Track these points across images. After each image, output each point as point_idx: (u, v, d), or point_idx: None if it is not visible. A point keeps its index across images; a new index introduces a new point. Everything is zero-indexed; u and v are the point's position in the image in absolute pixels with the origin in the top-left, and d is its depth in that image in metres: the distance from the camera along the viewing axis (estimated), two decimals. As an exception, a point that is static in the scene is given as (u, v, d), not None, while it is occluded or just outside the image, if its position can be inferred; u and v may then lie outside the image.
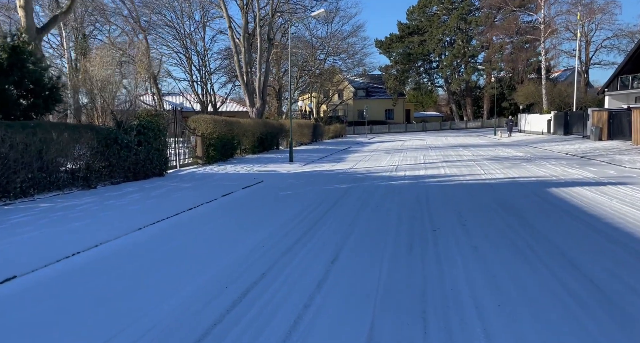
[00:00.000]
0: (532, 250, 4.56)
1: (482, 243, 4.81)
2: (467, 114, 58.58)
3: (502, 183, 9.61)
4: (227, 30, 29.88)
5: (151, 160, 10.61)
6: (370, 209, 6.92)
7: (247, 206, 7.65)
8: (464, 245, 4.76)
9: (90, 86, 9.13)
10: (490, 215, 6.31)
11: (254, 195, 8.82)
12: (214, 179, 11.14)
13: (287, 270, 4.12)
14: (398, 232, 5.44)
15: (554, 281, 3.68)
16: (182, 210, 7.08)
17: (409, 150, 22.14)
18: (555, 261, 4.18)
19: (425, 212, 6.59)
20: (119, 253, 4.80)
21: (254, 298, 3.44)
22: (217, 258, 4.55)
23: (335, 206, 7.31)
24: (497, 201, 7.37)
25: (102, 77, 9.28)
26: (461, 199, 7.66)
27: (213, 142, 14.72)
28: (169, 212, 6.85)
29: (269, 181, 11.15)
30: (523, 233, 5.22)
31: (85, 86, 9.19)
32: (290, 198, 8.31)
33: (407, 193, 8.52)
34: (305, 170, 13.79)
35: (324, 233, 5.46)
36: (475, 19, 52.37)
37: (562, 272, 3.88)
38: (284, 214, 6.73)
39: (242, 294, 3.53)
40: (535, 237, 5.04)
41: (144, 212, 6.79)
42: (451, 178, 10.59)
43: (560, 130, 28.73)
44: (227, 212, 7.10)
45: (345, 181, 10.79)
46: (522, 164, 13.61)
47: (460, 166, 13.38)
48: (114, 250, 4.91)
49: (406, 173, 11.94)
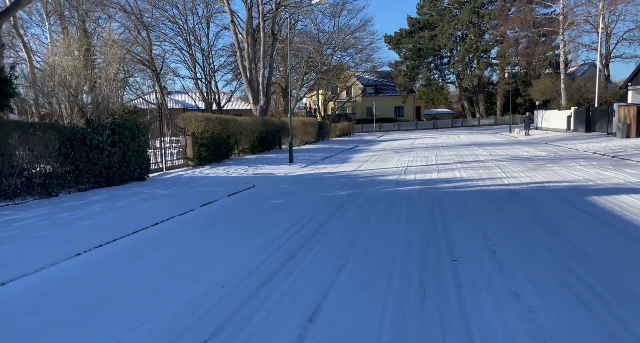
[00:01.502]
0: (601, 300, 3.21)
1: (525, 287, 3.46)
2: (479, 111, 56.70)
3: (529, 189, 8.21)
4: (230, 25, 28.70)
5: (128, 163, 9.43)
6: (372, 226, 5.60)
7: (225, 221, 6.39)
8: (499, 290, 3.42)
9: (55, 79, 7.94)
10: (525, 237, 4.95)
11: (238, 205, 7.57)
12: (200, 184, 9.92)
13: (244, 333, 2.85)
14: (406, 264, 4.12)
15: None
16: (145, 225, 5.86)
17: (420, 149, 20.72)
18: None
19: (440, 231, 5.25)
20: (30, 295, 3.58)
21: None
22: (163, 301, 3.31)
23: (329, 221, 6.01)
24: (529, 215, 6.00)
25: (70, 69, 8.10)
26: (484, 212, 6.31)
27: (205, 141, 13.52)
28: (127, 228, 5.63)
29: (261, 186, 9.90)
30: (580, 270, 3.84)
31: (44, 79, 8.01)
32: (279, 210, 7.04)
33: (417, 203, 7.19)
34: (305, 173, 12.52)
35: (308, 265, 4.17)
36: (488, 12, 50.45)
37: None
38: (265, 233, 5.46)
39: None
40: (598, 276, 3.67)
41: (95, 230, 5.58)
42: (468, 184, 9.21)
43: (581, 127, 26.98)
44: (197, 229, 5.85)
45: (346, 186, 9.49)
46: (547, 165, 12.15)
47: (477, 168, 11.97)
48: (25, 290, 3.69)
49: (416, 177, 10.58)
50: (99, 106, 8.54)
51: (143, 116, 10.09)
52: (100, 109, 8.56)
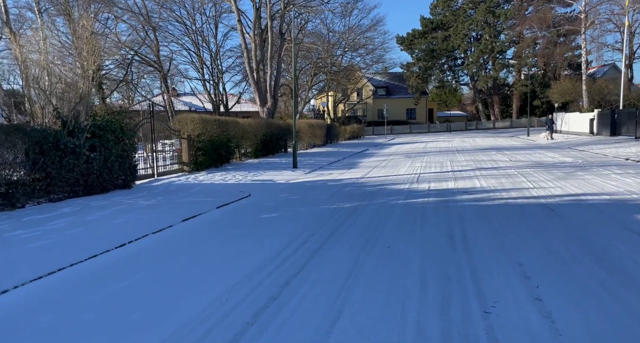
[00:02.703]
0: None
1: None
2: (494, 114, 55.06)
3: (564, 204, 7.06)
4: (237, 25, 27.89)
5: (110, 170, 8.52)
6: (378, 256, 4.54)
7: (203, 242, 5.40)
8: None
9: (24, 75, 7.08)
10: (578, 275, 3.84)
11: (225, 221, 6.58)
12: (190, 193, 8.97)
13: None
14: (421, 318, 3.06)
15: None
16: (108, 247, 4.90)
17: (433, 153, 19.54)
18: None
19: (464, 264, 4.18)
20: None
21: None
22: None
23: (326, 246, 4.98)
24: (573, 240, 4.88)
25: (40, 64, 7.23)
26: (515, 234, 5.20)
27: (202, 145, 12.60)
28: (84, 252, 4.68)
29: (257, 196, 8.92)
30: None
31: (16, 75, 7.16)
32: (270, 228, 6.03)
33: (433, 220, 6.10)
34: (308, 180, 11.50)
35: (290, 316, 3.14)
36: (504, 11, 48.92)
37: None
38: (245, 262, 4.45)
39: None
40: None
41: (43, 255, 4.63)
42: (491, 196, 8.08)
43: (605, 131, 25.46)
44: (168, 254, 4.87)
45: (351, 197, 8.44)
46: (577, 173, 10.92)
47: (498, 176, 10.81)
48: None
49: (430, 186, 9.48)
50: (77, 106, 7.65)
51: (131, 117, 9.17)
52: (77, 109, 7.67)
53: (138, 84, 44.31)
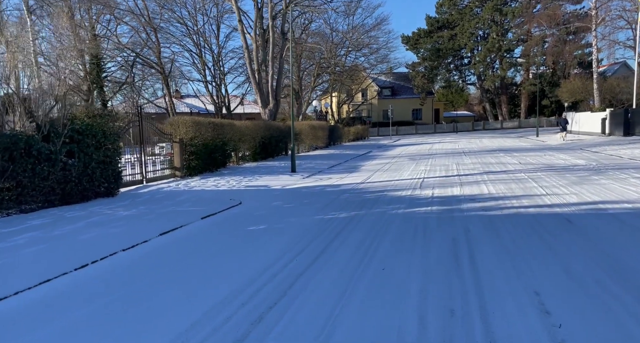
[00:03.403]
0: None
1: None
2: (502, 114, 54.07)
3: (581, 214, 6.38)
4: (238, 25, 27.40)
5: (91, 177, 7.99)
6: (370, 282, 3.91)
7: (179, 260, 4.82)
8: None
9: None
10: (609, 310, 3.18)
11: (206, 234, 5.99)
12: (177, 201, 8.41)
13: None
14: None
15: None
16: (67, 269, 4.34)
17: (438, 156, 18.84)
18: None
19: (471, 294, 3.53)
20: None
21: None
22: None
23: (313, 268, 4.36)
24: (598, 261, 4.21)
25: (10, 63, 6.72)
26: (529, 253, 4.55)
27: (195, 149, 12.05)
28: (36, 275, 4.12)
29: (248, 203, 8.33)
30: None
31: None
32: (254, 244, 5.43)
33: (436, 235, 5.46)
34: (305, 185, 10.90)
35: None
36: (511, 9, 47.98)
37: None
38: (219, 287, 3.85)
39: None
40: None
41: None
42: (500, 204, 7.42)
43: (618, 131, 24.56)
44: (134, 276, 4.28)
45: (348, 205, 7.81)
46: (593, 177, 10.20)
47: (507, 181, 10.12)
48: None
49: (434, 193, 8.82)
50: (53, 109, 7.13)
51: (115, 121, 8.64)
52: (54, 112, 7.14)
53: (142, 86, 44.14)
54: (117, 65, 37.12)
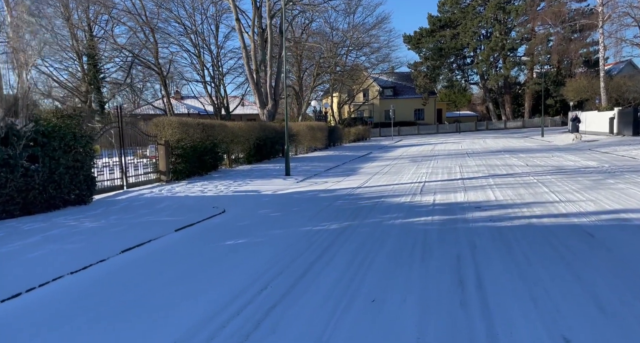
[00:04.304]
0: None
1: None
2: (505, 113, 53.19)
3: (602, 225, 5.62)
4: (235, 24, 26.71)
5: (58, 183, 7.29)
6: (356, 317, 3.18)
7: (136, 286, 4.09)
8: None
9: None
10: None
11: (177, 251, 5.27)
12: (154, 210, 7.70)
13: None
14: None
15: None
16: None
17: (441, 157, 18.08)
18: None
19: (480, 337, 2.80)
20: None
21: None
22: None
23: (290, 296, 3.63)
24: (637, 290, 3.47)
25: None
26: (550, 278, 3.80)
27: (182, 152, 11.35)
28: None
29: (233, 212, 7.62)
30: None
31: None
32: (229, 262, 4.70)
33: (438, 253, 4.72)
34: (298, 190, 10.17)
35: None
36: (515, 7, 47.13)
37: None
38: (171, 326, 3.13)
39: None
40: None
41: None
42: (509, 213, 6.66)
43: (627, 130, 23.72)
44: (71, 312, 3.56)
45: (341, 214, 7.08)
46: (608, 181, 9.43)
47: (515, 185, 9.36)
48: None
49: (436, 200, 8.07)
50: (12, 108, 6.44)
51: (90, 121, 7.95)
52: (12, 112, 6.46)
53: (143, 87, 43.54)
54: (115, 66, 36.58)
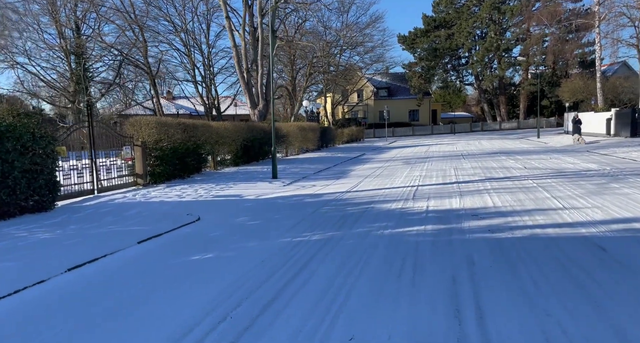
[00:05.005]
0: None
1: None
2: (500, 114, 52.85)
3: (615, 238, 5.03)
4: (225, 21, 26.00)
5: (13, 189, 6.59)
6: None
7: (74, 315, 3.43)
8: None
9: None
10: None
11: (131, 268, 4.61)
12: (122, 217, 7.02)
13: None
14: None
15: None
16: None
17: (435, 159, 17.51)
18: None
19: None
20: None
21: None
22: None
23: (251, 331, 2.99)
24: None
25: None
26: (562, 307, 3.19)
27: (161, 153, 10.66)
28: None
29: (208, 219, 6.97)
30: None
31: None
32: (188, 284, 4.05)
33: (430, 272, 4.09)
34: (283, 195, 9.53)
35: None
36: (510, 8, 46.78)
37: None
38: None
39: None
40: None
41: None
42: (509, 221, 6.06)
43: (624, 131, 23.30)
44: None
45: (326, 222, 6.44)
46: (612, 185, 8.87)
47: (514, 189, 8.78)
48: None
49: (429, 206, 7.46)
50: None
51: (49, 120, 7.25)
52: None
53: (135, 87, 42.65)
54: (104, 65, 35.75)
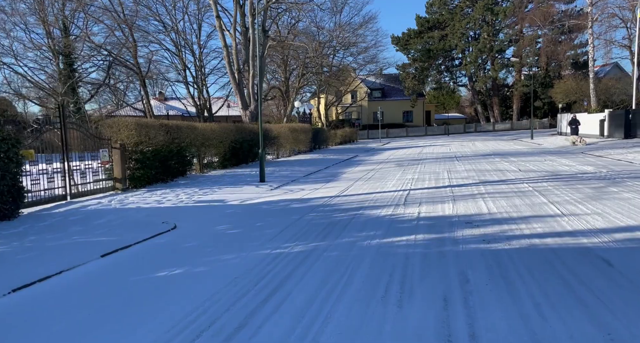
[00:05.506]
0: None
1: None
2: (494, 116, 52.79)
3: (619, 249, 4.66)
4: (216, 21, 25.52)
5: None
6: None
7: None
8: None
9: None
10: None
11: (86, 289, 4.15)
12: (91, 226, 6.55)
13: None
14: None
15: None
16: None
17: (429, 161, 17.15)
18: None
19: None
20: None
21: None
22: None
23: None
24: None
25: None
26: (569, 338, 2.79)
27: (141, 156, 10.17)
28: None
29: (185, 228, 6.51)
30: None
31: None
32: (147, 307, 3.59)
33: (419, 291, 3.68)
34: (269, 200, 9.09)
35: None
36: (503, 9, 46.74)
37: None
38: None
39: None
40: None
41: None
42: (505, 230, 5.67)
43: (618, 133, 23.13)
44: None
45: (311, 231, 6.01)
46: (610, 188, 8.54)
47: (509, 194, 8.41)
48: None
49: (421, 212, 7.06)
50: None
51: (13, 121, 6.76)
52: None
53: (127, 88, 41.92)
54: (94, 66, 35.08)
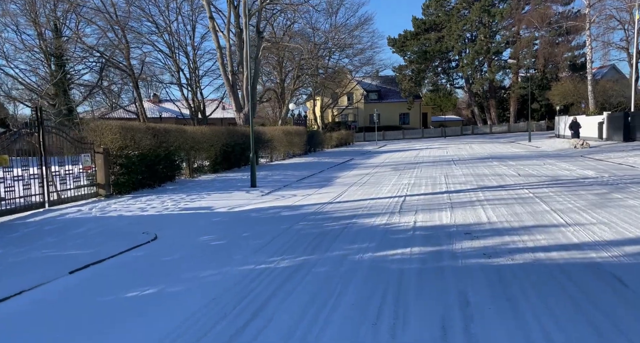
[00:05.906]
0: None
1: None
2: (491, 118, 52.60)
3: (632, 264, 4.29)
4: (209, 21, 25.12)
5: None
6: None
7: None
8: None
9: None
10: None
11: (41, 316, 3.74)
12: (66, 237, 6.13)
13: None
14: None
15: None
16: None
17: (425, 164, 16.80)
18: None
19: None
20: None
21: None
22: None
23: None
24: None
25: None
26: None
27: (126, 161, 9.76)
28: None
29: (166, 239, 6.11)
30: None
31: None
32: (111, 335, 3.20)
33: (414, 316, 3.29)
34: (259, 207, 8.68)
35: None
36: (500, 11, 46.60)
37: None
38: None
39: None
40: None
41: None
42: (508, 243, 5.29)
43: (617, 135, 22.88)
44: None
45: (299, 243, 5.62)
46: (614, 194, 8.19)
47: (509, 201, 8.04)
48: None
49: (417, 221, 6.68)
50: None
51: None
52: None
53: (121, 90, 41.42)
54: (86, 68, 34.60)
